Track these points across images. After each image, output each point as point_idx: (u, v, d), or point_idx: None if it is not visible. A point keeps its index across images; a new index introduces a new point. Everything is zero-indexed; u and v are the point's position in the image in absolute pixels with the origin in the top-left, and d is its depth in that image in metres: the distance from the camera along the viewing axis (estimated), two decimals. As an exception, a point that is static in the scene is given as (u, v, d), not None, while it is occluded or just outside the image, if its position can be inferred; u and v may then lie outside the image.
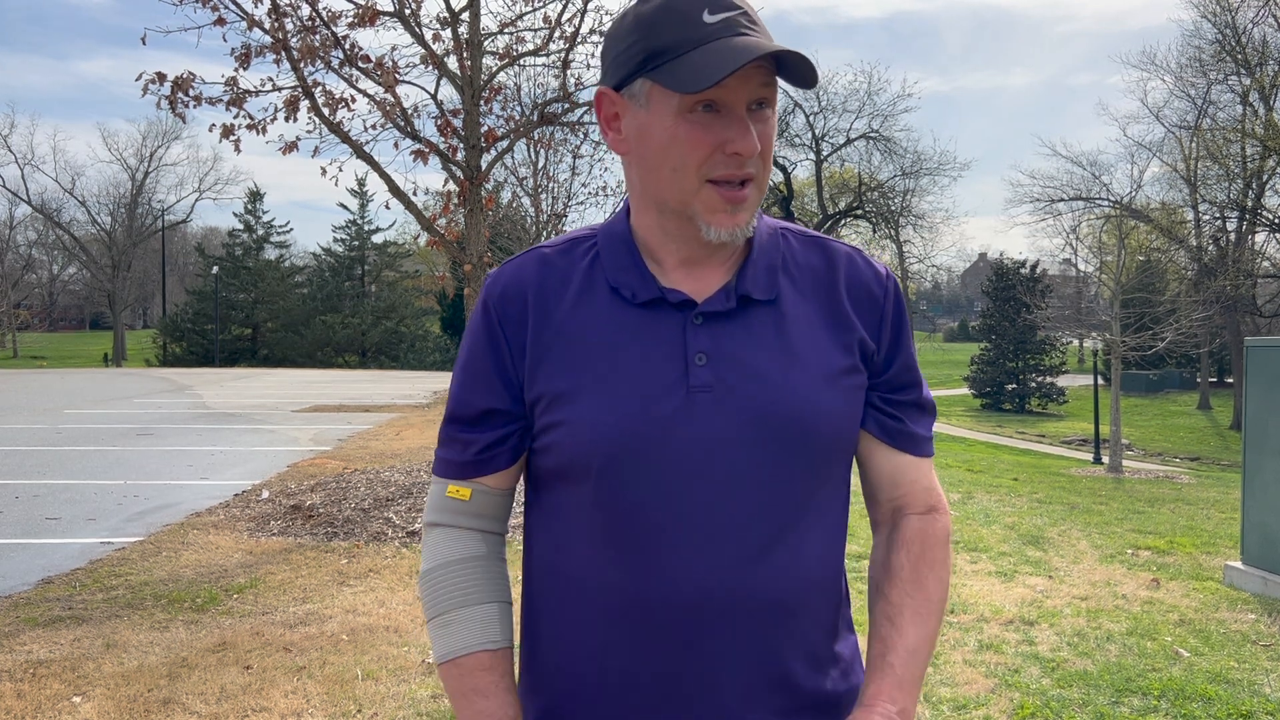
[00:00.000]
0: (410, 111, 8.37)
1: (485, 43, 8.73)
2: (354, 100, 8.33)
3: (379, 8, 8.08)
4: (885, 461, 1.21)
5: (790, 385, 1.10)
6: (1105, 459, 19.39)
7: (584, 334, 1.12)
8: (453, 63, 8.41)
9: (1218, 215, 33.25)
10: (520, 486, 1.25)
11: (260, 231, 50.62)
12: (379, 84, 8.13)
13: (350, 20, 8.05)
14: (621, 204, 1.20)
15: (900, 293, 1.22)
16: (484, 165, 8.58)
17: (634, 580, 1.09)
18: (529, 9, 9.08)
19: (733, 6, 1.04)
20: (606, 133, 1.13)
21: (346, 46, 7.99)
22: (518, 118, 10.29)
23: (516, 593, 1.32)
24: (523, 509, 1.28)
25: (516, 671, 1.21)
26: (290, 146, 8.35)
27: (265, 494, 8.59)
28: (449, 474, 1.19)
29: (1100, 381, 24.97)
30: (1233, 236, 32.32)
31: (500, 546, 1.22)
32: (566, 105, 8.96)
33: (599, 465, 1.09)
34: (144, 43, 7.97)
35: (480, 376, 1.16)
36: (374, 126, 8.56)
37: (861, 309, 1.18)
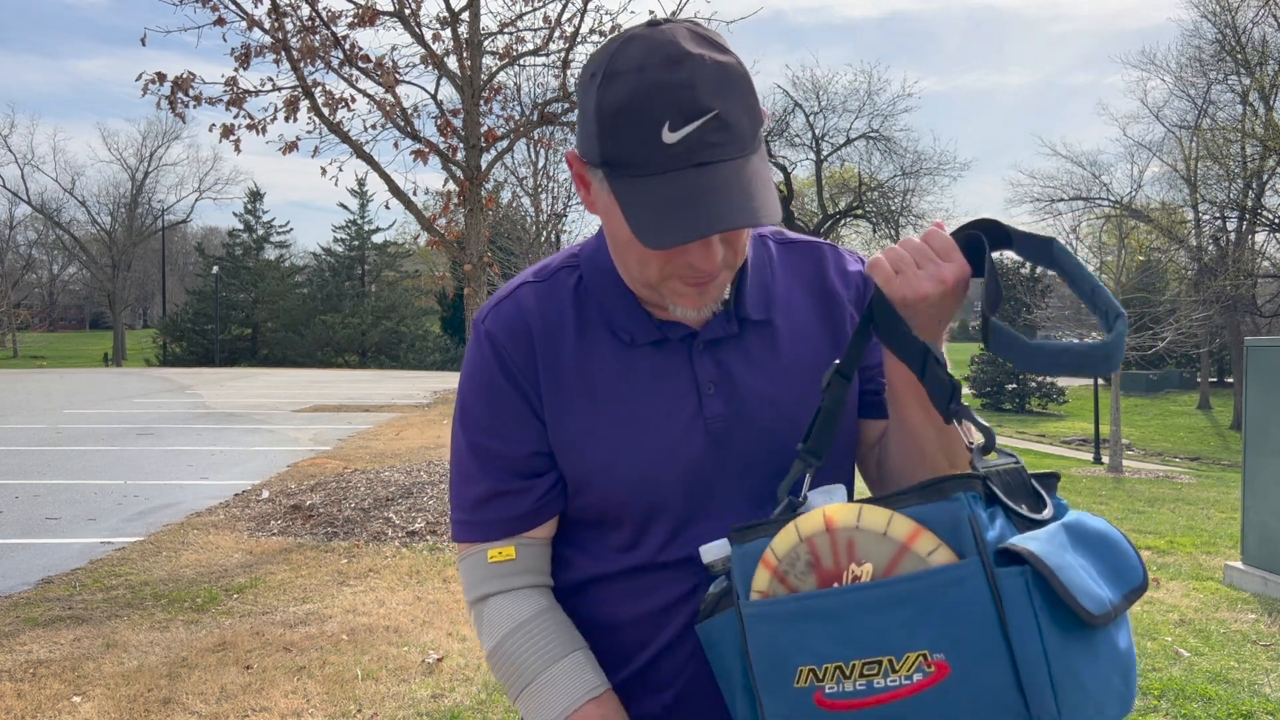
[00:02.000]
0: (410, 111, 8.38)
1: (485, 42, 8.73)
2: (354, 100, 8.34)
3: (379, 8, 8.08)
4: (880, 429, 1.20)
5: (797, 403, 1.09)
6: (1105, 459, 19.39)
7: (593, 379, 1.09)
8: (453, 63, 8.42)
9: (1218, 215, 33.24)
10: None
11: (260, 231, 50.63)
12: (379, 84, 8.13)
13: (350, 20, 8.05)
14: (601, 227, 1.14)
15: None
16: (484, 165, 8.58)
17: (664, 615, 1.09)
18: (529, 9, 9.08)
19: (698, 113, 0.91)
20: (579, 189, 1.06)
21: (346, 46, 7.99)
22: (518, 118, 10.29)
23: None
24: None
25: None
26: (290, 146, 8.35)
27: (265, 494, 8.59)
28: (492, 535, 1.12)
29: (1100, 381, 24.97)
30: (1233, 236, 32.32)
31: (553, 596, 1.16)
32: (566, 105, 8.95)
33: (631, 514, 1.08)
34: (144, 43, 7.98)
35: (515, 421, 1.10)
36: (374, 126, 8.57)
37: (850, 300, 1.17)
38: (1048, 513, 0.88)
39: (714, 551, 1.02)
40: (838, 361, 1.04)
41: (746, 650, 0.92)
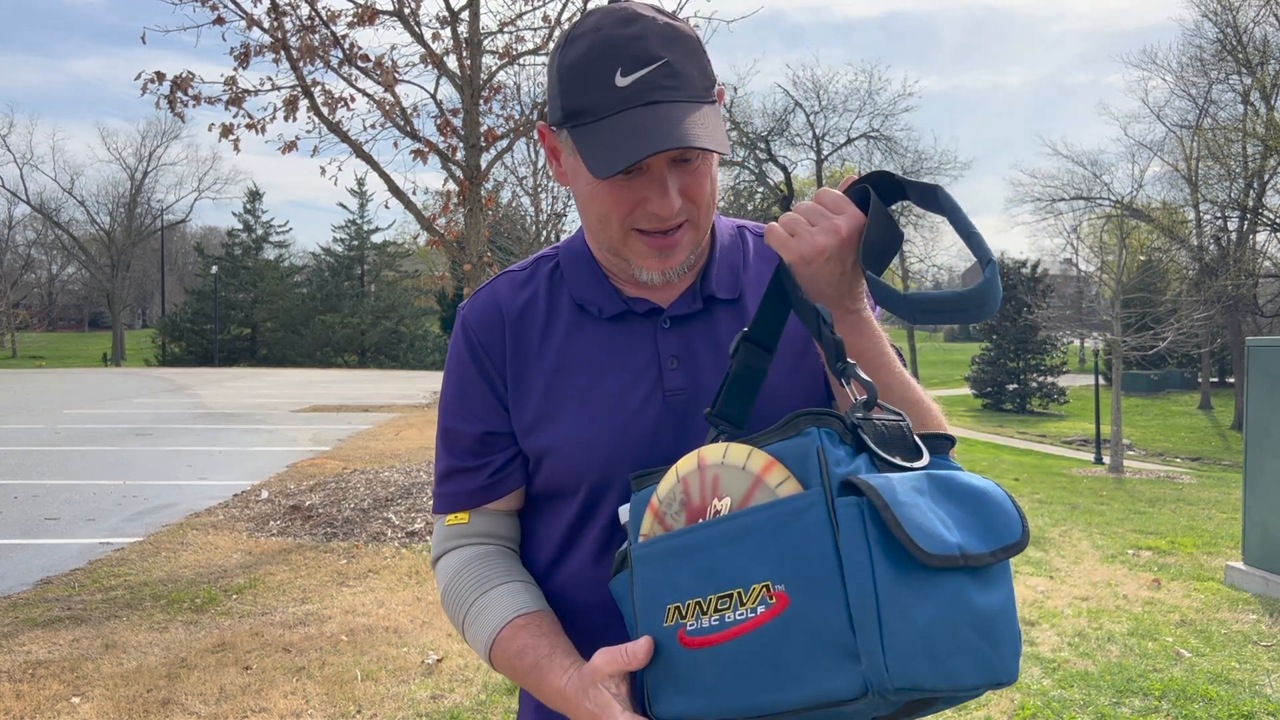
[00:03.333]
0: (410, 111, 8.37)
1: (485, 42, 8.72)
2: (353, 100, 8.33)
3: (378, 7, 8.07)
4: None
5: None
6: (1106, 459, 19.38)
7: (558, 355, 1.13)
8: (452, 62, 8.41)
9: (1219, 215, 33.23)
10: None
11: (259, 231, 50.63)
12: (378, 83, 8.12)
13: (350, 20, 8.05)
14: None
15: None
16: (484, 165, 8.57)
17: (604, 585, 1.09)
18: (529, 8, 9.08)
19: (648, 60, 0.98)
20: (551, 164, 1.13)
21: (346, 46, 7.98)
22: (517, 117, 10.27)
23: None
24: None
25: (517, 698, 1.19)
26: (290, 146, 8.34)
27: (264, 494, 8.58)
28: (456, 506, 1.18)
29: (1101, 381, 24.97)
30: (1234, 236, 32.31)
31: (513, 550, 1.21)
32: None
33: (589, 484, 1.11)
34: (144, 41, 7.97)
35: (475, 401, 1.16)
36: (373, 126, 8.56)
37: None
38: (920, 464, 0.86)
39: (627, 511, 1.03)
40: (746, 329, 1.04)
41: (633, 596, 0.94)
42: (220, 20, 7.76)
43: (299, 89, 7.94)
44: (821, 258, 0.99)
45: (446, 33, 8.36)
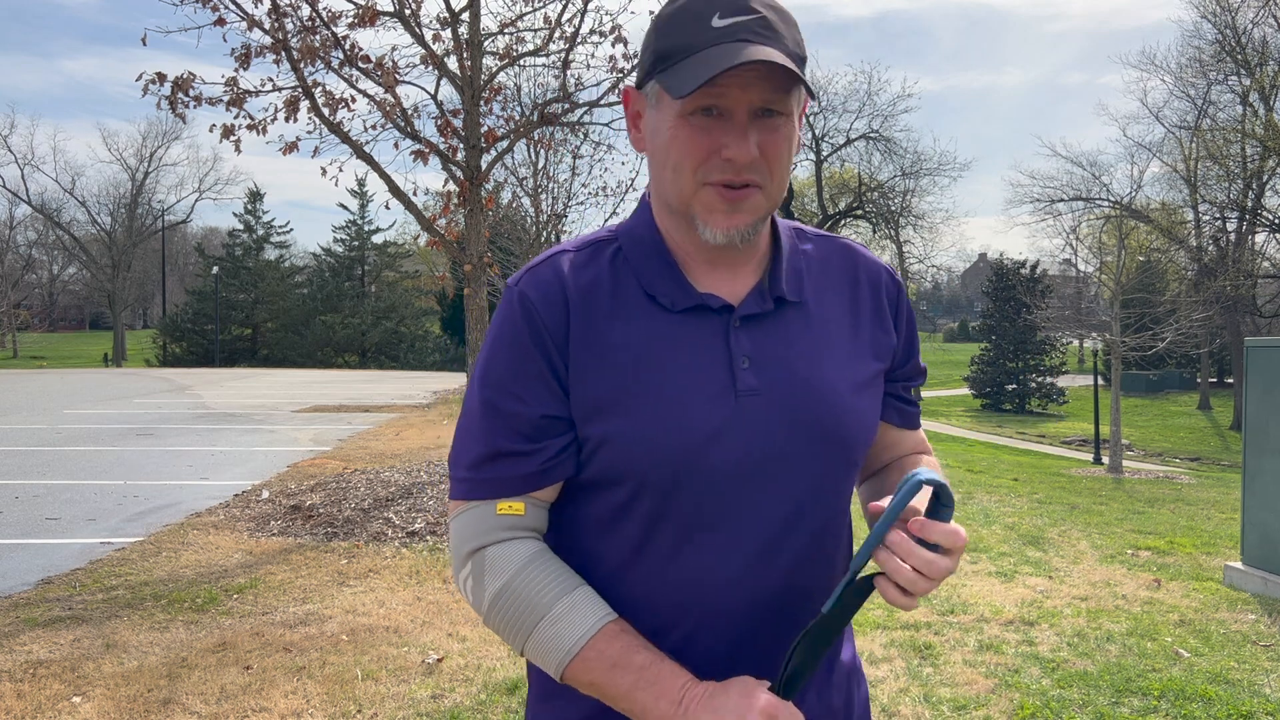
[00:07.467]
0: (410, 111, 8.38)
1: (485, 43, 8.73)
2: (354, 100, 8.34)
3: (379, 8, 8.08)
4: (896, 439, 1.28)
5: (828, 390, 1.11)
6: (1105, 459, 19.39)
7: (627, 343, 1.09)
8: (453, 63, 8.42)
9: (1218, 215, 33.24)
10: None
11: (260, 232, 50.60)
12: (379, 84, 8.13)
13: (350, 20, 8.05)
14: (639, 204, 1.18)
15: (905, 288, 1.27)
16: (484, 165, 8.58)
17: (683, 585, 1.09)
18: (529, 9, 9.08)
19: (747, 11, 1.02)
20: (630, 130, 1.14)
21: (346, 47, 7.99)
22: (518, 118, 10.28)
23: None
24: None
25: (519, 698, 1.18)
26: (290, 147, 8.35)
27: (265, 494, 8.59)
28: (502, 491, 1.10)
29: (1100, 382, 24.98)
30: (1233, 237, 32.32)
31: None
32: (566, 105, 8.96)
33: (653, 477, 1.07)
34: (144, 43, 7.97)
35: (534, 381, 1.09)
36: (374, 127, 8.57)
37: (880, 305, 1.21)
38: None
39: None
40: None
41: None
42: (221, 21, 7.76)
43: (300, 90, 7.94)
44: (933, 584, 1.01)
45: (447, 34, 8.38)
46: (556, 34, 8.78)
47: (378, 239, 49.85)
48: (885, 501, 1.02)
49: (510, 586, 1.08)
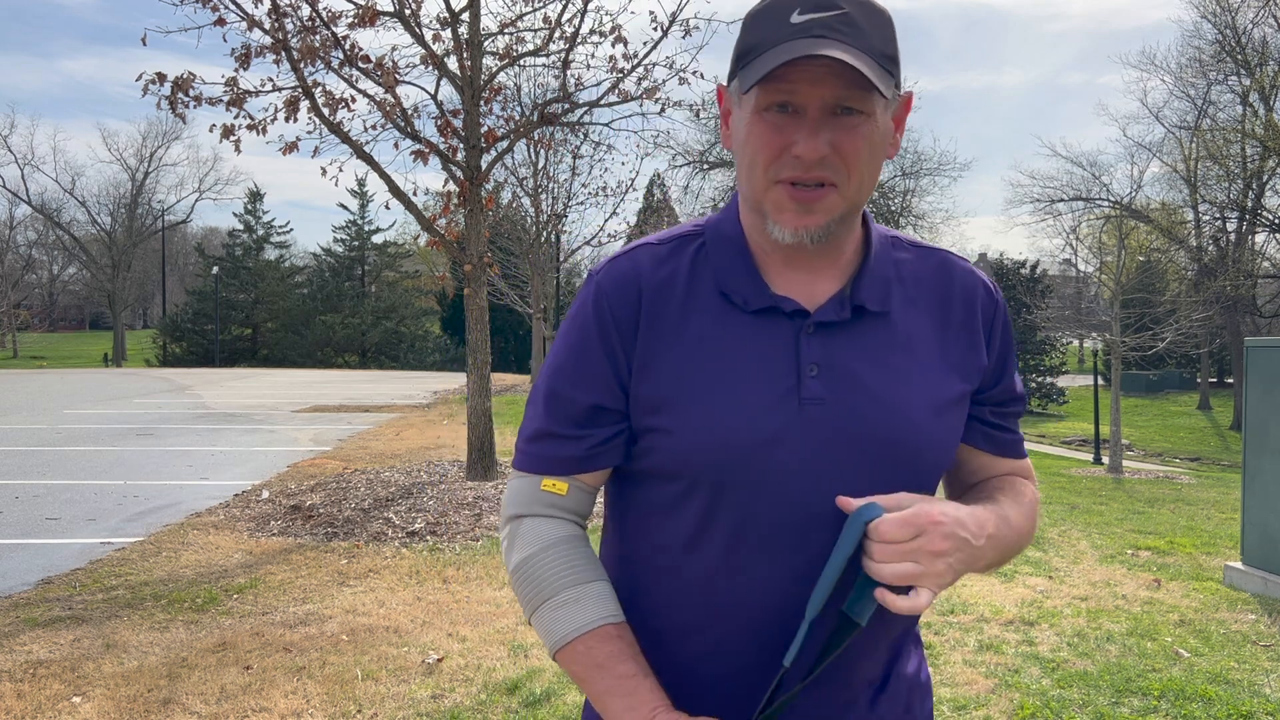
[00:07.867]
0: (410, 111, 8.39)
1: (485, 43, 8.73)
2: (354, 100, 8.34)
3: (379, 8, 8.08)
4: (983, 465, 1.24)
5: (901, 407, 1.08)
6: (1105, 459, 19.38)
7: (695, 339, 1.09)
8: (453, 63, 8.42)
9: (1218, 215, 33.24)
10: None
11: (260, 232, 50.62)
12: (379, 84, 8.13)
13: (350, 20, 8.06)
14: (730, 200, 1.18)
15: (1006, 306, 1.22)
16: (484, 165, 8.58)
17: (732, 585, 1.08)
18: (529, 9, 9.09)
19: (828, 7, 1.00)
20: (722, 128, 1.14)
21: (346, 47, 7.99)
22: (518, 118, 10.29)
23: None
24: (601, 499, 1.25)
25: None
26: (290, 147, 8.36)
27: (265, 494, 8.59)
28: (549, 470, 1.13)
29: (1100, 382, 24.97)
30: (1233, 237, 32.32)
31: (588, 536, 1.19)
32: (566, 105, 8.96)
33: (707, 475, 1.07)
34: (144, 43, 7.98)
35: (592, 371, 1.11)
36: (374, 127, 8.57)
37: (973, 322, 1.16)
38: None
39: None
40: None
41: None
42: (221, 21, 7.77)
43: (300, 90, 7.95)
44: (955, 573, 1.01)
45: (447, 34, 8.38)
46: (556, 34, 8.79)
47: (378, 239, 49.91)
48: (859, 502, 1.03)
49: (531, 560, 1.12)
